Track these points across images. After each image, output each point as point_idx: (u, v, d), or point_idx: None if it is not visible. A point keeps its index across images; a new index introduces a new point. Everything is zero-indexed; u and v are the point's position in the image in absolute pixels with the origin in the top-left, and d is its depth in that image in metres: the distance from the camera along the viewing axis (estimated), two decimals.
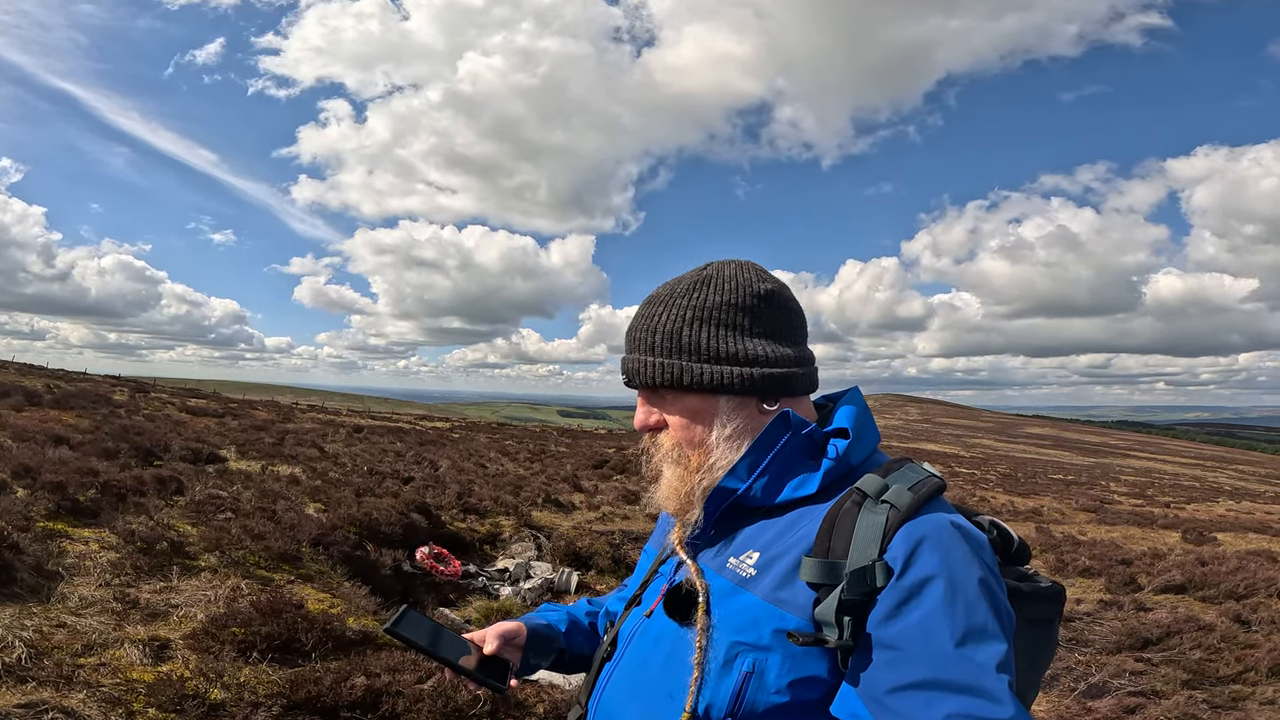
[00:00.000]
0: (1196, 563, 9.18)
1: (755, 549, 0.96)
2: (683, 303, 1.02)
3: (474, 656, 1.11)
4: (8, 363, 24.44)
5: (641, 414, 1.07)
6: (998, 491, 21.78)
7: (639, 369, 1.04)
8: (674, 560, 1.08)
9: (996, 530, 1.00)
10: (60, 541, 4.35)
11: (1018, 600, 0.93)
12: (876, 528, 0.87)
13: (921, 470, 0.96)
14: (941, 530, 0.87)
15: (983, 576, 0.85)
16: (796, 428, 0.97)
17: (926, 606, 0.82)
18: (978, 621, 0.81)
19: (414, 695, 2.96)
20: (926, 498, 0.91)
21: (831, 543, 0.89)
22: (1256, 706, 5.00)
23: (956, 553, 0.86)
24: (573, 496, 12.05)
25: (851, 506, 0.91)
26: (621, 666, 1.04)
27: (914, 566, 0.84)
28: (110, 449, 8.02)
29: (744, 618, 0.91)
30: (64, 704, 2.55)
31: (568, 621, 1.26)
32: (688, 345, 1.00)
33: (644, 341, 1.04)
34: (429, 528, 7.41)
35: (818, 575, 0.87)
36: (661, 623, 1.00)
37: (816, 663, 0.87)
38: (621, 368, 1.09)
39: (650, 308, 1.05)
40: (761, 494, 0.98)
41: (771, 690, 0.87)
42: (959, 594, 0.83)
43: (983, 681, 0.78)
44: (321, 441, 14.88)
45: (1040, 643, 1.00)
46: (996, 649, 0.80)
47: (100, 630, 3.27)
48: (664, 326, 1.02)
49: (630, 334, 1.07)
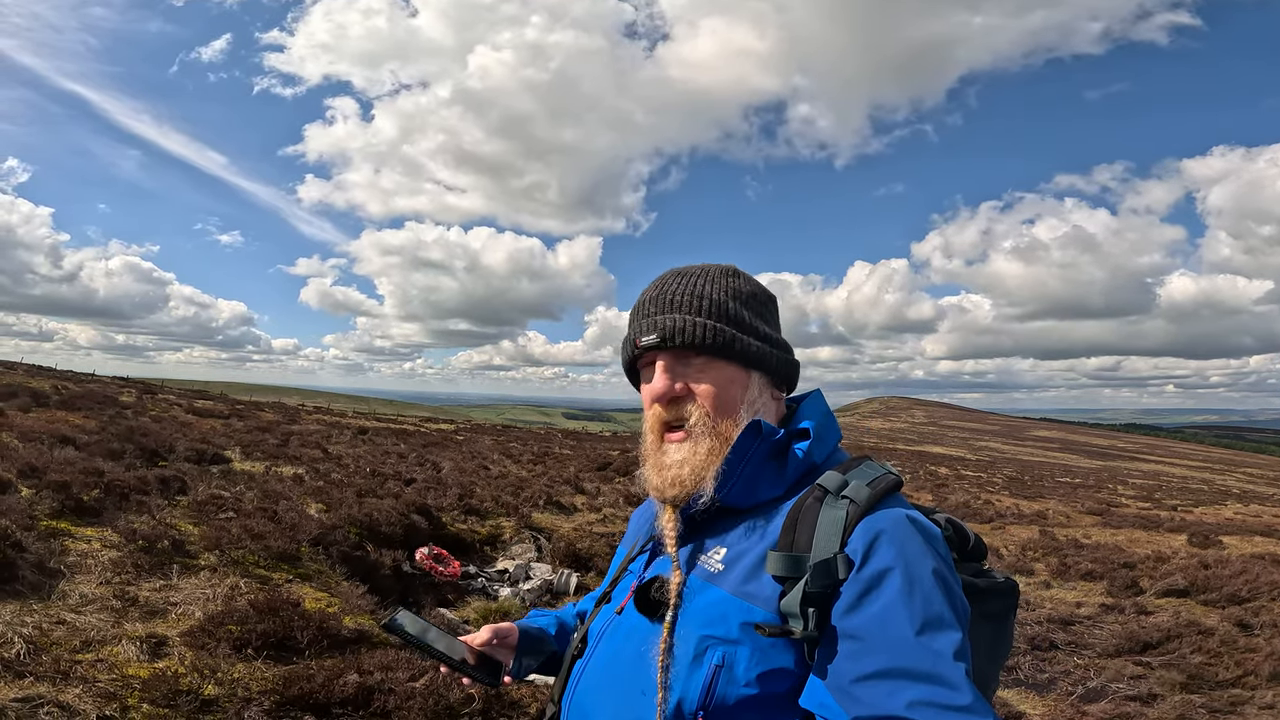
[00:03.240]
0: (1200, 566, 9.13)
1: (723, 545, 1.00)
2: (721, 281, 1.08)
3: (467, 654, 1.15)
4: (16, 364, 24.65)
5: (664, 380, 1.02)
6: (1003, 494, 21.66)
7: (684, 327, 1.01)
8: (643, 558, 1.11)
9: (952, 527, 1.02)
10: (63, 540, 4.40)
11: (974, 595, 0.95)
12: (837, 522, 0.91)
13: (879, 468, 1.00)
14: (898, 524, 0.90)
15: (936, 567, 0.88)
16: (767, 435, 1.01)
17: (886, 597, 0.85)
18: (934, 611, 0.84)
19: (406, 693, 2.99)
20: (884, 493, 0.94)
21: (795, 537, 0.92)
22: (1255, 711, 4.98)
23: (911, 545, 0.89)
24: (574, 498, 12.07)
25: (814, 502, 0.94)
26: (593, 663, 1.06)
27: (873, 559, 0.88)
28: (116, 450, 8.08)
29: (713, 612, 0.94)
30: (60, 698, 2.59)
31: (557, 625, 1.29)
32: (733, 316, 1.04)
33: (688, 304, 1.04)
34: (429, 529, 7.44)
35: (782, 568, 0.90)
36: (632, 619, 1.02)
37: (784, 655, 0.90)
38: (645, 327, 1.04)
39: (686, 278, 1.08)
40: (737, 497, 1.01)
41: (741, 683, 0.90)
42: (916, 585, 0.86)
43: (941, 669, 0.81)
44: (325, 443, 14.95)
45: (997, 637, 1.02)
46: (953, 637, 0.83)
47: (99, 627, 3.32)
48: (709, 294, 1.05)
49: (663, 297, 1.06)
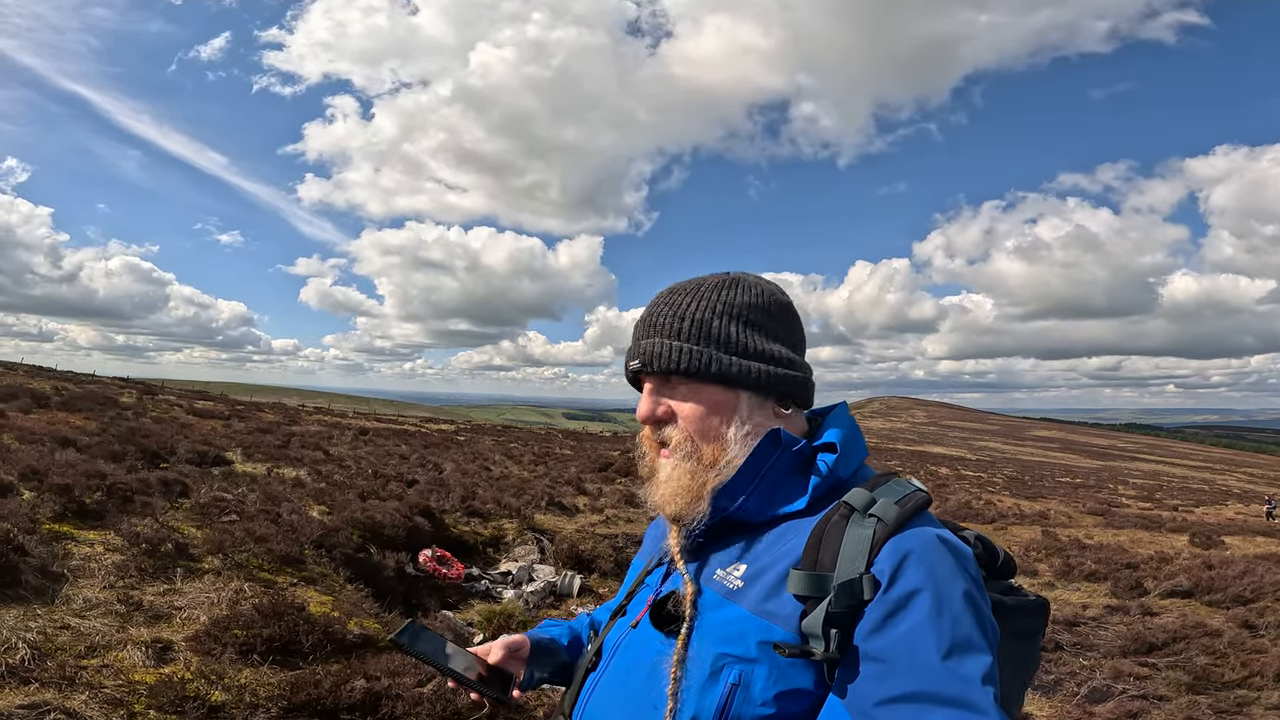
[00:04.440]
0: (1203, 567, 9.12)
1: (743, 561, 0.97)
2: (711, 296, 1.03)
3: (478, 668, 1.12)
4: (16, 365, 24.64)
5: (648, 404, 1.03)
6: (1004, 495, 21.67)
7: (661, 352, 1.01)
8: (660, 571, 1.08)
9: (982, 545, 1.00)
10: (65, 544, 4.39)
11: (1002, 614, 0.93)
12: (864, 541, 0.88)
13: (908, 485, 0.96)
14: (928, 544, 0.87)
15: (967, 589, 0.85)
16: (787, 445, 0.98)
17: (913, 619, 0.82)
18: (963, 634, 0.82)
19: (413, 699, 2.97)
20: (913, 512, 0.91)
21: (819, 555, 0.89)
22: (1262, 711, 4.96)
23: (942, 566, 0.86)
24: (576, 499, 12.06)
25: (839, 520, 0.91)
26: (606, 677, 1.04)
27: (901, 579, 0.85)
28: (117, 451, 8.07)
29: (731, 629, 0.92)
30: (66, 705, 2.57)
31: (569, 635, 1.27)
32: (717, 335, 1.00)
33: (668, 327, 1.02)
34: (432, 530, 7.44)
35: (805, 588, 0.87)
36: (647, 633, 1.00)
37: (803, 675, 0.87)
38: (632, 353, 1.05)
39: (675, 296, 1.05)
40: (753, 509, 0.98)
41: (757, 702, 0.87)
42: (945, 607, 0.83)
43: (969, 694, 0.78)
44: (326, 444, 14.94)
45: (1025, 656, 1.00)
46: (982, 661, 0.80)
47: (103, 632, 3.30)
48: (693, 314, 1.02)
49: (648, 320, 1.05)
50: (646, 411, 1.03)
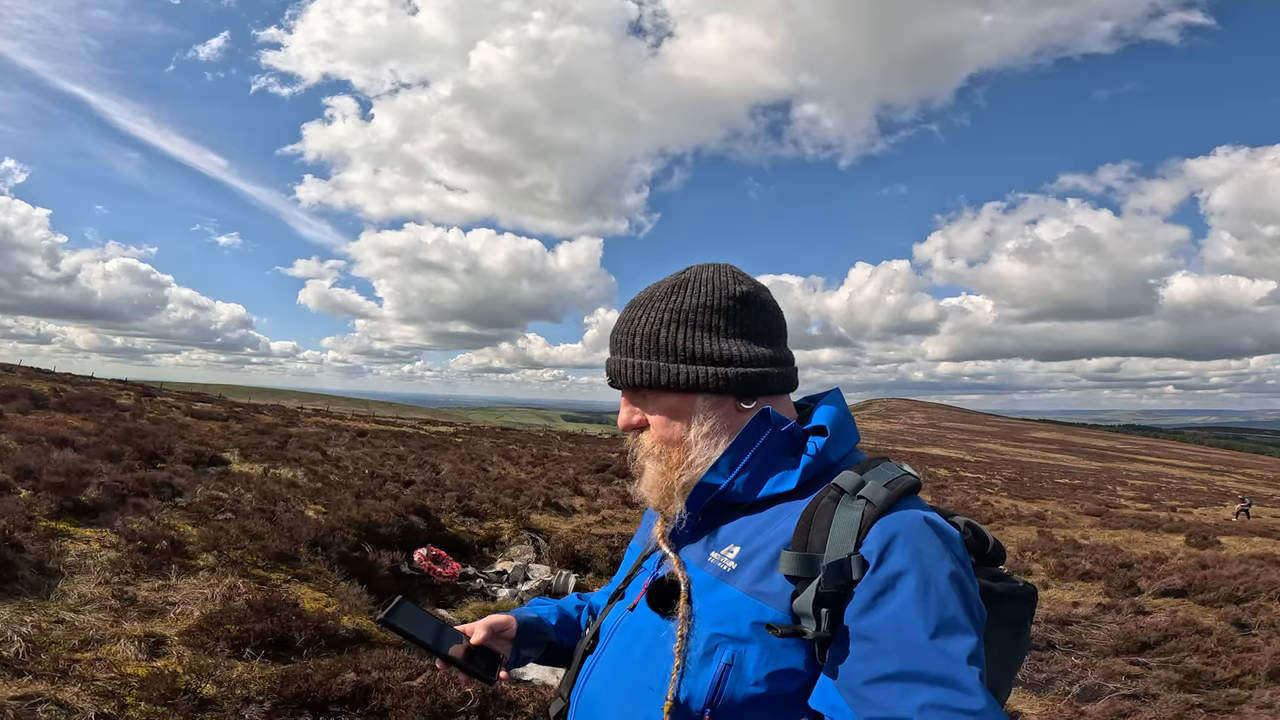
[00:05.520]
0: (1198, 566, 9.15)
1: (736, 543, 0.99)
2: (660, 306, 1.06)
3: (464, 648, 1.13)
4: (14, 367, 24.65)
5: (625, 414, 1.11)
6: (1002, 495, 21.68)
7: (620, 370, 1.08)
8: (657, 556, 1.11)
9: (971, 531, 1.01)
10: (62, 540, 4.41)
11: (991, 599, 0.95)
12: (853, 522, 0.90)
13: (897, 468, 0.99)
14: (915, 525, 0.90)
15: (954, 571, 0.87)
16: (776, 425, 1.00)
17: (900, 599, 0.84)
18: (949, 614, 0.84)
19: (403, 691, 2.99)
20: (901, 494, 0.93)
21: (809, 537, 0.91)
22: (1253, 710, 4.98)
23: (929, 547, 0.88)
24: (573, 500, 12.08)
25: (829, 502, 0.93)
26: (604, 659, 1.06)
27: (888, 560, 0.87)
28: (114, 451, 8.09)
29: (724, 610, 0.94)
30: (58, 697, 2.60)
31: (558, 615, 1.28)
32: (665, 346, 1.03)
33: (624, 344, 1.08)
34: (428, 530, 7.45)
35: (796, 568, 0.89)
36: (645, 616, 1.02)
37: (794, 655, 0.90)
38: (605, 369, 1.13)
39: (631, 311, 1.09)
40: (743, 490, 1.01)
41: (750, 682, 0.90)
42: (931, 587, 0.85)
43: (954, 673, 0.80)
44: (324, 445, 14.96)
45: (1012, 642, 1.02)
46: (968, 641, 0.83)
47: (97, 626, 3.33)
48: (642, 329, 1.06)
49: (613, 337, 1.11)
50: (624, 421, 1.12)
